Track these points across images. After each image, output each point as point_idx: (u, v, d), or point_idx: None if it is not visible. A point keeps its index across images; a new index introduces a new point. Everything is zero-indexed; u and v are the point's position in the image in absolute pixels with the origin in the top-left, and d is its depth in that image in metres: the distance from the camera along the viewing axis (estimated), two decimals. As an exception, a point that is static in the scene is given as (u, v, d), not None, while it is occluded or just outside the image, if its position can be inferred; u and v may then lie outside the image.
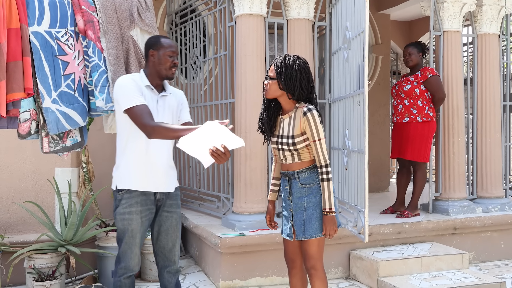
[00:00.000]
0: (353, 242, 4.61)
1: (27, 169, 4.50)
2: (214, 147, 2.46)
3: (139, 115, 2.68)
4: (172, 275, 3.02)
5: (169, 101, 2.93)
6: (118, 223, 2.85)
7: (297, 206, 2.90)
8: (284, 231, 3.01)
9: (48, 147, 3.10)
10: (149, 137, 2.68)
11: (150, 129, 2.64)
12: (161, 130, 2.63)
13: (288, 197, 2.96)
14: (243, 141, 2.50)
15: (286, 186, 2.96)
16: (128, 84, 2.77)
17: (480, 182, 5.46)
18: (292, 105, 2.87)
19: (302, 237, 2.89)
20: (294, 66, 2.81)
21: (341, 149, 4.37)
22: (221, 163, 2.49)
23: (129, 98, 2.72)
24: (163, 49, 2.86)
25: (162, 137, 2.67)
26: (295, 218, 2.91)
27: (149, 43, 2.91)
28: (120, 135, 2.88)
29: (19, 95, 2.77)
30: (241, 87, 4.50)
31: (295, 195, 2.91)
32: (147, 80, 2.87)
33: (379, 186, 7.43)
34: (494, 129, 5.42)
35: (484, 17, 5.39)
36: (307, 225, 2.87)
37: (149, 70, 2.90)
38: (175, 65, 2.90)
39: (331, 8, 4.93)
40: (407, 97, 5.12)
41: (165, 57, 2.86)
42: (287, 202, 2.98)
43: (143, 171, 2.83)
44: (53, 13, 3.05)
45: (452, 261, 4.46)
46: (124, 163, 2.86)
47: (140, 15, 3.56)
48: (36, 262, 4.07)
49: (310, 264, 2.95)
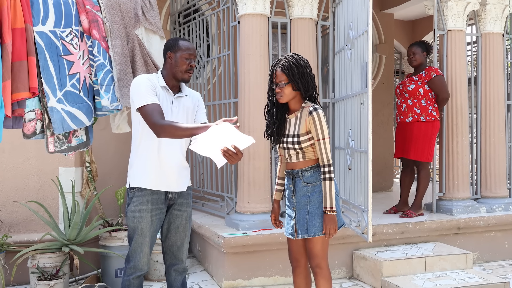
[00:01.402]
0: (357, 242, 4.61)
1: (31, 168, 4.51)
2: (225, 147, 2.49)
3: (149, 114, 2.68)
4: (179, 274, 3.03)
5: (184, 103, 2.93)
6: (129, 221, 2.85)
7: (300, 205, 2.92)
8: (287, 229, 3.02)
9: (54, 146, 3.11)
10: (158, 136, 2.68)
11: (159, 128, 2.65)
12: (170, 129, 2.63)
13: (291, 196, 2.98)
14: (252, 138, 2.53)
15: (290, 184, 2.98)
16: (143, 83, 2.77)
17: (484, 181, 5.45)
18: (299, 104, 2.91)
19: (305, 235, 2.90)
20: (302, 64, 2.86)
21: (344, 148, 4.37)
22: (233, 163, 2.52)
23: (142, 96, 2.73)
24: (180, 51, 2.87)
25: (171, 136, 2.67)
26: (298, 217, 2.92)
27: (168, 45, 2.92)
28: (134, 134, 2.89)
29: (24, 94, 2.78)
30: (245, 87, 4.50)
31: (299, 194, 2.92)
32: (163, 80, 2.88)
33: (383, 185, 7.42)
34: (498, 128, 5.40)
35: (488, 16, 5.38)
36: (310, 223, 2.88)
37: (166, 71, 2.91)
38: (192, 68, 2.90)
39: (334, 7, 4.92)
40: (411, 97, 5.11)
41: (182, 59, 2.86)
42: (290, 201, 3.00)
43: (155, 170, 2.83)
44: (57, 12, 3.06)
45: (456, 261, 4.45)
46: (137, 161, 2.86)
47: (145, 14, 3.56)
48: (39, 262, 4.07)
49: (315, 262, 2.96)
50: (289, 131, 2.93)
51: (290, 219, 2.99)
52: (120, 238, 4.39)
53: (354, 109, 4.08)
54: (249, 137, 2.53)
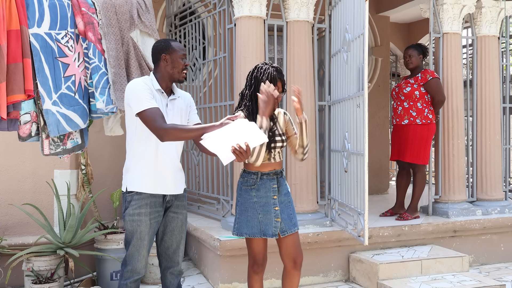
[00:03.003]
0: (353, 244, 4.60)
1: (26, 171, 4.49)
2: (238, 145, 2.52)
3: (151, 118, 2.66)
4: (175, 277, 3.02)
5: (178, 104, 2.93)
6: (127, 225, 2.83)
7: (283, 203, 3.02)
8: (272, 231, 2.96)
9: (49, 149, 3.10)
10: (161, 139, 2.67)
11: (162, 132, 2.64)
12: (174, 132, 2.65)
13: (273, 196, 2.99)
14: (266, 137, 2.61)
15: (274, 184, 3.00)
16: (140, 88, 2.75)
17: (480, 184, 5.46)
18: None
19: (294, 230, 3.01)
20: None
21: (340, 151, 4.37)
22: (241, 161, 2.57)
23: (141, 101, 2.70)
24: (176, 52, 2.86)
25: (176, 138, 2.70)
26: (283, 215, 2.99)
27: (161, 46, 2.87)
28: (129, 138, 2.86)
29: (19, 97, 2.77)
30: (241, 89, 4.49)
31: (282, 192, 3.04)
32: (158, 83, 2.86)
33: (379, 188, 7.43)
34: (493, 131, 5.41)
35: (484, 19, 5.39)
36: (295, 218, 3.04)
37: (160, 73, 2.88)
38: (187, 67, 2.91)
39: (330, 10, 4.93)
40: (407, 99, 5.12)
41: (178, 60, 2.86)
42: (271, 201, 2.98)
43: (153, 174, 2.82)
44: (53, 15, 3.05)
45: (452, 264, 4.45)
46: (134, 166, 2.84)
47: (140, 17, 3.56)
48: (34, 265, 4.05)
49: (300, 259, 3.05)
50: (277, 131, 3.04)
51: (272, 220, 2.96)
52: (115, 241, 4.37)
53: (350, 111, 4.08)
54: (264, 135, 2.59)
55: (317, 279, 4.48)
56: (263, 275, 3.14)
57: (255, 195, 2.98)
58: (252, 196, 2.98)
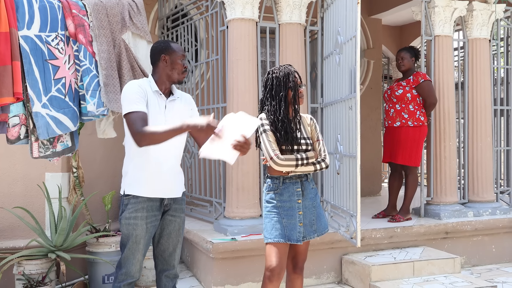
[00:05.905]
0: (345, 246, 4.61)
1: (17, 174, 4.45)
2: (236, 140, 2.45)
3: (132, 122, 2.61)
4: (170, 280, 3.00)
5: (178, 106, 2.89)
6: (123, 228, 2.80)
7: (307, 208, 2.98)
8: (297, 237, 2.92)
9: (38, 152, 3.07)
10: (138, 144, 2.59)
11: (139, 136, 2.57)
12: (148, 135, 2.56)
13: (298, 200, 2.95)
14: (257, 119, 2.57)
15: (298, 188, 2.96)
16: (132, 90, 2.71)
17: (471, 186, 5.48)
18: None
19: (313, 236, 2.98)
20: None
21: (333, 153, 4.37)
22: (245, 153, 2.50)
23: (128, 103, 2.67)
24: (175, 53, 2.83)
25: (151, 142, 2.59)
26: (305, 220, 2.96)
27: (160, 47, 2.84)
28: (128, 141, 2.81)
29: (8, 99, 2.74)
30: (233, 92, 4.49)
31: (308, 196, 2.99)
32: (156, 85, 2.82)
33: (371, 190, 7.45)
34: (485, 133, 5.44)
35: (475, 22, 5.42)
36: (318, 224, 3.00)
37: (159, 75, 2.84)
38: (186, 68, 2.89)
39: (323, 12, 4.94)
40: (399, 102, 5.14)
41: (177, 61, 2.83)
42: (296, 205, 2.95)
43: (151, 178, 2.79)
44: (43, 17, 3.02)
45: (444, 265, 4.47)
46: (132, 169, 2.81)
47: (132, 19, 3.54)
48: (25, 268, 4.01)
49: (303, 264, 3.05)
50: (302, 134, 3.01)
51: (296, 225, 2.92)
52: (107, 244, 4.34)
53: (343, 114, 4.09)
54: (255, 118, 2.54)
55: (309, 281, 4.47)
56: (279, 285, 2.94)
57: (278, 199, 2.95)
58: (276, 200, 2.95)
